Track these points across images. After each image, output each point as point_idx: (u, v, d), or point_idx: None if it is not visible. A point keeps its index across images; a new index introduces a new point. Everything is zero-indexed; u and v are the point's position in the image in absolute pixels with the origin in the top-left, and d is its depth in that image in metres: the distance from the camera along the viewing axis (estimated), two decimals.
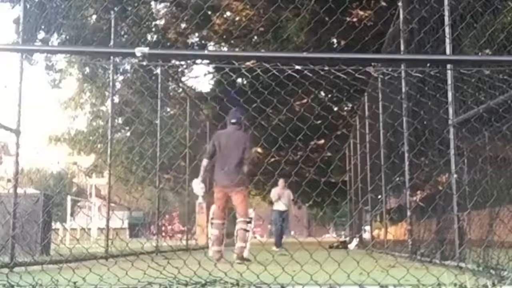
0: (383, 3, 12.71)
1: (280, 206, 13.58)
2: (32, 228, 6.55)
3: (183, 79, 18.44)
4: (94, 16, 13.88)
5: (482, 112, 4.37)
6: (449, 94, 5.08)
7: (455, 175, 4.92)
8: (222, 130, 7.28)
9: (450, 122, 5.06)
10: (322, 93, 17.09)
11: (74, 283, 3.29)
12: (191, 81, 19.09)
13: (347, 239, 17.52)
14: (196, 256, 5.26)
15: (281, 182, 13.49)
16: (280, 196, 13.51)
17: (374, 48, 6.90)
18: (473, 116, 4.58)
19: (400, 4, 7.24)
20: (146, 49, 2.38)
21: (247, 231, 6.77)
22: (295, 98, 11.58)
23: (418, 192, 7.36)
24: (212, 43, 17.84)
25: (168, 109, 14.89)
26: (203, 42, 17.64)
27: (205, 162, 6.97)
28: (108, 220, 7.89)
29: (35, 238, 6.86)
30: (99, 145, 16.47)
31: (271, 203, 14.00)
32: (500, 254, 3.82)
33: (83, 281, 3.36)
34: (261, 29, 15.02)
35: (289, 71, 3.02)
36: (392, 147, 7.99)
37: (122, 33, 13.61)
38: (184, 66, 17.43)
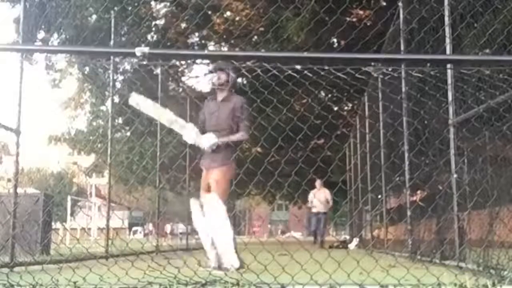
0: (383, 3, 12.72)
1: (314, 207, 14.02)
2: (32, 228, 6.56)
3: (183, 79, 18.44)
4: (94, 16, 13.88)
5: (482, 112, 4.37)
6: (449, 94, 5.08)
7: (455, 175, 4.92)
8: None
9: (450, 121, 5.07)
10: (322, 93, 17.09)
11: (74, 282, 3.29)
12: (191, 81, 19.09)
13: (347, 238, 17.52)
14: (197, 256, 5.27)
15: (317, 183, 13.85)
16: (313, 199, 13.90)
17: (374, 48, 6.90)
18: (473, 115, 4.58)
19: (400, 4, 7.24)
20: (146, 49, 2.39)
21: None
22: (295, 98, 11.58)
23: (418, 192, 7.36)
24: (212, 43, 17.84)
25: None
26: (203, 42, 17.63)
27: None
28: (108, 219, 7.89)
29: (35, 237, 6.87)
30: (99, 145, 16.47)
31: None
32: (500, 254, 3.82)
33: (83, 281, 3.36)
34: (261, 29, 15.01)
35: (289, 71, 3.02)
36: (392, 147, 7.99)
37: (122, 33, 13.61)
38: (184, 66, 17.42)
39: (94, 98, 17.67)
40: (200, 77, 18.59)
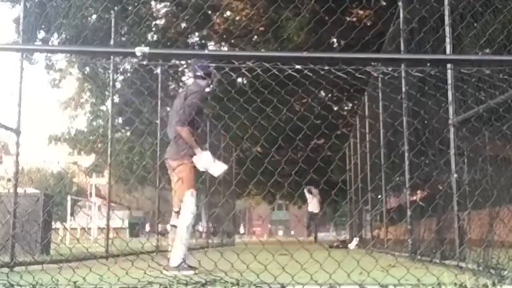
0: (383, 3, 12.72)
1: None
2: (32, 227, 6.55)
3: (183, 78, 18.44)
4: (94, 16, 13.88)
5: (482, 112, 4.37)
6: (449, 94, 5.08)
7: (455, 175, 4.92)
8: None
9: (450, 121, 5.07)
10: (322, 93, 17.10)
11: (74, 282, 3.29)
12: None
13: (347, 238, 17.52)
14: (197, 255, 5.27)
15: (312, 193, 13.97)
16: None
17: (374, 47, 6.90)
18: (473, 115, 4.58)
19: (400, 3, 7.24)
20: (146, 49, 2.38)
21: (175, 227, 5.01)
22: (295, 98, 11.58)
23: (418, 191, 7.36)
24: (212, 43, 17.84)
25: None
26: (203, 41, 17.64)
27: None
28: (108, 219, 7.89)
29: (35, 237, 6.86)
30: (99, 145, 16.47)
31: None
32: (500, 254, 3.82)
33: (83, 281, 3.36)
34: (261, 28, 15.01)
35: (289, 71, 3.01)
36: (392, 147, 7.98)
37: (122, 32, 13.60)
38: (184, 66, 17.43)
39: (94, 98, 17.68)
40: None
